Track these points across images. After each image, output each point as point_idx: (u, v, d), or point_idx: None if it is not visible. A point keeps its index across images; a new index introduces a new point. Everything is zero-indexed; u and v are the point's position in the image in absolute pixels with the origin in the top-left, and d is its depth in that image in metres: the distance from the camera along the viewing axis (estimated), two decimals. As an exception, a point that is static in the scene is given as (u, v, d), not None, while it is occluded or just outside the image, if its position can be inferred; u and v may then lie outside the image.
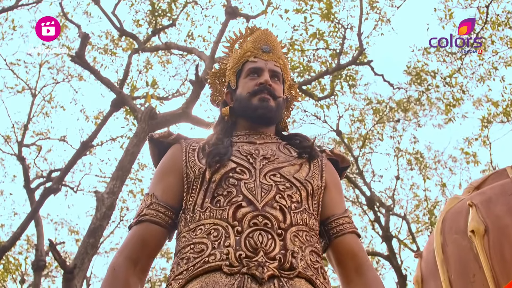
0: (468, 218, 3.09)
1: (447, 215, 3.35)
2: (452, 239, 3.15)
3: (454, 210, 3.31)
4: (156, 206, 1.93)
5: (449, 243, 3.16)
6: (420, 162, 14.43)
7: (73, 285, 5.62)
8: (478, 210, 3.09)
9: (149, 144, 2.23)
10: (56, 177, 9.26)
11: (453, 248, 3.13)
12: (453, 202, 3.44)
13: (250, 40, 2.27)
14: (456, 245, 3.12)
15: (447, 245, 3.18)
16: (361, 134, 13.92)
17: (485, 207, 3.08)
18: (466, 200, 3.25)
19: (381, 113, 13.41)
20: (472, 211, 3.09)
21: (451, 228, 3.22)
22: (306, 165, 2.01)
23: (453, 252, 3.12)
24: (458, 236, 3.11)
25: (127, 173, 7.02)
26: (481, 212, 3.07)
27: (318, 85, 9.78)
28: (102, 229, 6.28)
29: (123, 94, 7.99)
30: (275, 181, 1.87)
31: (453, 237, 3.15)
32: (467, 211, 3.14)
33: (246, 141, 2.07)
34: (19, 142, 12.70)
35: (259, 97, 2.08)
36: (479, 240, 2.96)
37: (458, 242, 3.10)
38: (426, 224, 15.43)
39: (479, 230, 3.00)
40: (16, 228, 8.95)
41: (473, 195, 3.30)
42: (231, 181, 1.85)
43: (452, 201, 3.47)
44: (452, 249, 3.13)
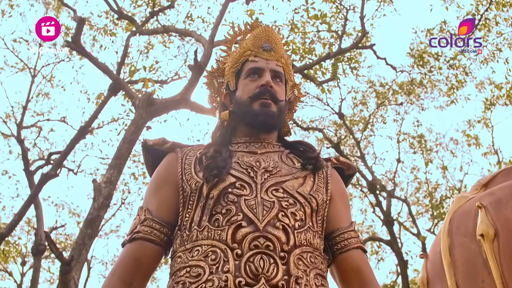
0: (477, 220, 2.96)
1: (455, 215, 3.22)
2: (460, 242, 3.03)
3: (462, 211, 3.18)
4: (151, 222, 1.83)
5: (457, 246, 3.04)
6: (422, 145, 14.32)
7: (71, 277, 5.54)
8: (487, 212, 2.96)
9: (142, 152, 2.11)
10: (54, 162, 9.13)
11: (461, 251, 3.01)
12: (461, 201, 3.31)
13: (250, 37, 2.13)
14: (464, 248, 3.00)
15: (454, 247, 3.06)
16: (364, 117, 13.79)
17: (495, 209, 2.95)
18: (475, 200, 3.13)
19: (384, 96, 13.25)
20: (481, 213, 2.97)
21: (458, 229, 3.10)
22: (310, 178, 1.90)
23: (461, 255, 3.00)
24: (466, 239, 2.99)
25: (125, 161, 6.89)
26: (490, 214, 2.94)
27: (319, 69, 9.59)
28: (99, 219, 6.18)
29: (120, 80, 7.83)
30: (278, 197, 1.75)
31: (461, 239, 3.04)
32: (476, 213, 3.01)
33: (246, 150, 1.94)
34: (18, 124, 12.56)
35: (260, 102, 1.95)
36: (488, 244, 2.84)
37: (466, 245, 2.98)
38: (427, 206, 15.41)
39: (488, 234, 2.87)
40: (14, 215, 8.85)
41: (482, 195, 3.16)
42: (230, 197, 1.74)
43: (460, 200, 3.34)
44: (460, 252, 3.01)
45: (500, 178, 3.42)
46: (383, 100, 13.26)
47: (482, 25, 11.29)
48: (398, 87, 13.07)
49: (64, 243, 16.57)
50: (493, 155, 14.72)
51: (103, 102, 9.29)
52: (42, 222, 11.60)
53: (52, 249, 5.72)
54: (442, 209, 15.04)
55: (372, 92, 13.21)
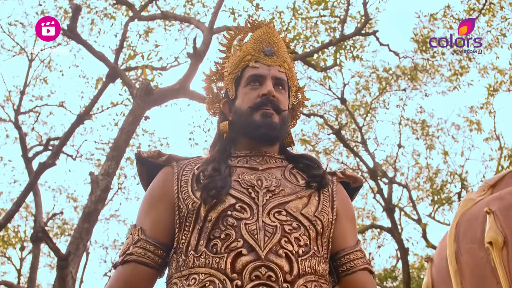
0: (485, 227, 2.86)
1: (462, 219, 3.11)
2: (467, 248, 2.93)
3: (469, 215, 3.07)
4: (144, 243, 1.72)
5: (464, 253, 2.94)
6: (424, 131, 14.21)
7: (68, 272, 5.46)
8: (496, 219, 2.85)
9: (136, 164, 1.99)
10: (52, 150, 9.03)
11: (468, 258, 2.91)
12: (468, 204, 3.20)
13: (251, 40, 1.97)
14: (471, 256, 2.90)
15: (461, 254, 2.96)
16: (366, 102, 13.64)
17: (504, 215, 2.84)
18: (483, 204, 3.02)
19: (387, 81, 13.09)
20: (490, 219, 2.86)
21: (466, 235, 3.00)
22: (315, 197, 1.77)
23: (468, 263, 2.90)
24: (474, 246, 2.89)
25: (123, 153, 6.77)
26: (499, 221, 2.83)
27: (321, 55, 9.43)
28: (97, 213, 6.08)
29: (118, 69, 7.68)
30: (281, 220, 1.63)
31: (468, 246, 2.93)
32: (484, 218, 2.90)
33: (246, 166, 1.81)
34: (15, 110, 12.41)
35: (261, 112, 1.82)
36: (497, 252, 2.74)
37: (474, 252, 2.88)
38: (427, 191, 15.36)
39: (497, 241, 2.77)
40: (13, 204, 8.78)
41: (490, 199, 3.05)
42: (230, 221, 1.61)
43: (467, 202, 3.23)
44: (467, 259, 2.91)
45: (508, 179, 3.31)
46: (386, 85, 13.11)
47: (486, 9, 11.10)
48: (401, 72, 12.91)
49: (62, 228, 16.53)
50: (495, 141, 14.61)
51: (101, 88, 9.15)
52: (40, 209, 11.52)
53: (49, 244, 5.62)
54: (442, 195, 15.01)
55: (374, 78, 13.05)
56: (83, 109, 11.80)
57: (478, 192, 3.35)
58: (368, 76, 13.34)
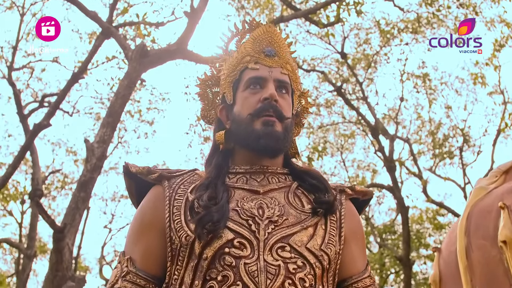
0: (498, 223, 2.70)
1: (473, 211, 2.95)
2: (479, 245, 2.78)
3: (481, 207, 2.90)
4: (134, 277, 1.57)
5: (475, 249, 2.79)
6: (426, 85, 13.95)
7: (64, 244, 5.36)
8: (511, 214, 2.69)
9: (124, 178, 1.80)
10: (47, 110, 8.81)
11: (480, 256, 2.76)
12: (480, 193, 3.03)
13: (250, 40, 1.76)
14: (483, 253, 2.75)
15: (472, 250, 2.81)
16: (367, 54, 13.32)
17: (519, 211, 2.68)
18: (496, 196, 2.84)
19: (390, 33, 12.72)
20: (504, 215, 2.69)
21: (477, 229, 2.84)
22: (321, 226, 1.60)
23: (479, 261, 2.75)
24: (486, 243, 2.74)
25: (118, 118, 6.56)
26: (514, 217, 2.67)
27: (323, 12, 9.09)
28: (93, 181, 5.93)
29: (112, 29, 7.37)
30: (284, 258, 1.47)
31: (479, 242, 2.78)
32: (498, 213, 2.74)
33: (246, 187, 1.63)
34: (8, 66, 12.11)
35: (262, 120, 1.62)
36: (511, 252, 2.59)
37: (486, 250, 2.73)
38: (429, 144, 15.26)
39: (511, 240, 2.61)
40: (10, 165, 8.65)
41: (505, 192, 2.87)
42: (228, 260, 1.45)
43: (478, 192, 3.05)
44: (479, 257, 2.76)
45: (522, 166, 3.13)
46: (388, 38, 12.75)
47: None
48: (404, 25, 12.52)
49: (63, 182, 16.52)
50: (499, 95, 14.40)
51: (96, 45, 8.85)
52: (38, 167, 11.42)
53: (44, 218, 5.50)
54: (444, 149, 14.92)
55: (375, 31, 12.68)
56: (78, 65, 11.56)
57: (490, 178, 3.18)
58: (369, 29, 12.97)
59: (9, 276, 18.53)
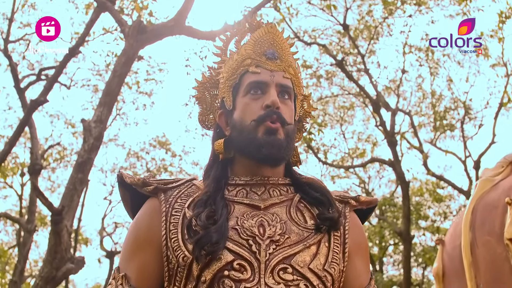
0: (505, 219, 2.62)
1: (479, 205, 2.86)
2: (484, 241, 2.71)
3: (487, 202, 2.82)
4: None
5: (480, 245, 2.72)
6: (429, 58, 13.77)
7: (63, 226, 5.31)
8: (518, 211, 2.61)
9: (118, 188, 1.72)
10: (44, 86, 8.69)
11: (485, 252, 2.69)
12: (486, 186, 2.94)
13: (250, 41, 1.66)
14: (488, 250, 2.68)
15: (477, 246, 2.74)
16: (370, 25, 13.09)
17: (526, 208, 2.60)
18: (503, 190, 2.76)
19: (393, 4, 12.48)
20: (511, 211, 2.61)
21: (483, 225, 2.76)
22: (325, 243, 1.54)
23: (484, 257, 2.69)
24: (492, 239, 2.67)
25: (115, 97, 6.45)
26: (521, 214, 2.59)
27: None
28: (90, 162, 5.85)
29: (107, 4, 7.18)
30: (286, 280, 1.41)
31: (485, 238, 2.71)
32: (504, 209, 2.66)
33: (246, 202, 1.56)
34: (4, 38, 11.92)
35: (265, 128, 1.54)
36: (517, 250, 2.52)
37: (491, 246, 2.66)
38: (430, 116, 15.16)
39: (518, 238, 2.54)
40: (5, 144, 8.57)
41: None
42: (227, 283, 1.39)
43: (484, 184, 2.97)
44: (484, 253, 2.70)
45: (529, 157, 3.04)
46: (391, 10, 12.51)
47: None
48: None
49: (62, 154, 16.47)
50: (502, 67, 14.22)
51: (92, 19, 8.66)
52: (36, 141, 11.35)
53: (42, 200, 5.44)
54: (445, 121, 14.82)
55: (378, 3, 12.43)
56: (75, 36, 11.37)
57: (496, 168, 3.09)
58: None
59: (11, 247, 18.68)
